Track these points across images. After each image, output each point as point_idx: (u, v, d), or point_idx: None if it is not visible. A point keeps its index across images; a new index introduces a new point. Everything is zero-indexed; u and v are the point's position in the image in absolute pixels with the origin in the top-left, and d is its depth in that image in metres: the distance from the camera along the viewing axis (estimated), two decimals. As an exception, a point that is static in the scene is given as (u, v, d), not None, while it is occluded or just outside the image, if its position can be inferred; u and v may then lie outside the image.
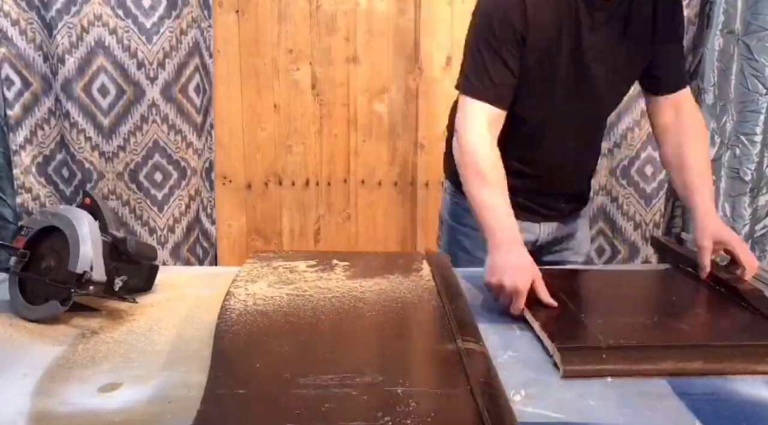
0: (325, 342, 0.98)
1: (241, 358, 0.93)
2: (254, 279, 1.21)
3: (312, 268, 1.29)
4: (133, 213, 2.12)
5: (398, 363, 0.92)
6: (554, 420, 0.80)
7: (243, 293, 1.14)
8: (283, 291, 1.16)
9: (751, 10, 2.04)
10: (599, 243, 2.27)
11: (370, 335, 1.02)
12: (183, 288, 1.24)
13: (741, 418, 0.81)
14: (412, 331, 1.06)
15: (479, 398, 0.79)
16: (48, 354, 0.96)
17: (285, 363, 0.91)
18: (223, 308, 1.07)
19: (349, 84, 2.25)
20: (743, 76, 2.09)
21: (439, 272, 1.23)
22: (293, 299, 1.12)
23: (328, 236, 2.33)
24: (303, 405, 0.78)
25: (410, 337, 1.04)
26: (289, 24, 2.21)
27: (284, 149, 2.29)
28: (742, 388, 0.88)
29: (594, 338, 0.96)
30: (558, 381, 0.90)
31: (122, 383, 0.87)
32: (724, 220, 2.17)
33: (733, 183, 2.16)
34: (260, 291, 1.16)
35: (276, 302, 1.10)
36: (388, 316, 1.06)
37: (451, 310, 1.06)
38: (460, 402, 0.79)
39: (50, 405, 0.82)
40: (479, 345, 0.94)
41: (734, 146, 2.14)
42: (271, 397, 0.81)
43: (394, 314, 1.07)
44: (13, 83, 1.99)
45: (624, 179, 2.21)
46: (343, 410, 0.77)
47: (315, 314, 1.06)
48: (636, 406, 0.83)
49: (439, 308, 1.08)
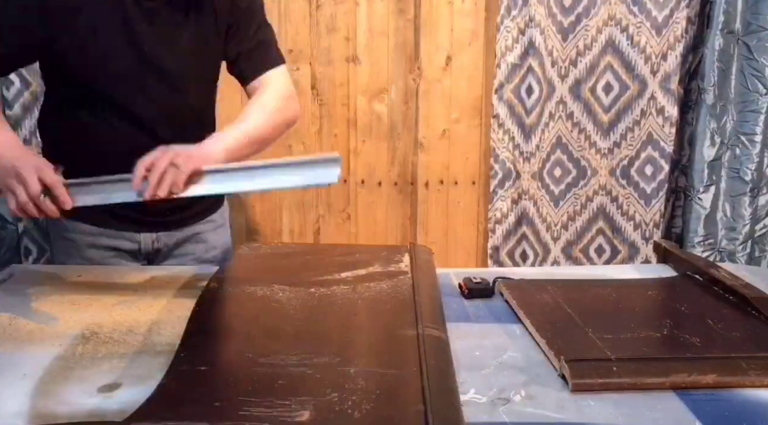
0: (292, 327, 1.02)
1: (208, 339, 0.98)
2: (238, 267, 1.25)
3: (296, 258, 1.32)
4: (132, 213, 2.12)
5: (357, 347, 0.97)
6: (554, 420, 0.80)
7: (224, 279, 1.18)
8: (262, 279, 1.19)
9: (751, 10, 2.04)
10: (599, 243, 2.27)
11: (337, 320, 1.05)
12: (183, 288, 1.24)
13: (741, 418, 0.81)
14: (379, 318, 1.08)
15: (426, 378, 0.82)
16: (48, 354, 0.95)
17: (249, 344, 0.96)
18: (202, 293, 1.11)
19: (349, 84, 2.25)
20: (743, 76, 2.09)
21: (417, 264, 1.24)
22: (270, 286, 1.15)
23: (327, 236, 2.33)
24: (258, 381, 0.83)
25: (375, 323, 1.07)
26: (289, 24, 2.21)
27: (284, 148, 2.28)
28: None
29: (602, 351, 0.95)
30: (558, 381, 0.90)
31: (122, 383, 0.87)
32: (724, 220, 2.17)
33: (733, 183, 2.15)
34: (241, 278, 1.20)
35: (252, 289, 1.14)
36: (359, 304, 1.10)
37: (420, 299, 1.08)
38: (407, 382, 0.83)
39: (50, 405, 0.82)
40: (439, 331, 0.96)
41: (734, 146, 2.14)
42: (229, 374, 0.87)
43: (365, 302, 1.10)
44: (12, 83, 1.99)
45: (624, 179, 2.21)
46: (294, 386, 0.82)
47: (288, 300, 1.10)
48: (636, 406, 0.83)
49: (409, 297, 1.11)
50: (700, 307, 1.17)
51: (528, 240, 2.23)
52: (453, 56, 2.20)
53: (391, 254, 1.34)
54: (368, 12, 2.18)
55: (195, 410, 0.77)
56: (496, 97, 2.14)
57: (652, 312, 1.21)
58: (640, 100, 2.15)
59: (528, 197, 2.19)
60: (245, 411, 0.76)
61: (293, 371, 0.86)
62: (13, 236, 2.07)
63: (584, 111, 2.17)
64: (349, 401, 0.78)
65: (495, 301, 1.19)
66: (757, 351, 0.97)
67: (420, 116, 2.25)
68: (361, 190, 2.30)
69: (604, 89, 2.15)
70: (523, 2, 2.06)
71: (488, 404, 0.84)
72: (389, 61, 2.23)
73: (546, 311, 1.11)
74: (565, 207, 2.24)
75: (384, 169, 2.29)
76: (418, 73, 2.23)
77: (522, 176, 2.18)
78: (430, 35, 2.20)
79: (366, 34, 2.20)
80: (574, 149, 2.20)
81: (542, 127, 2.16)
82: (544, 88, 2.12)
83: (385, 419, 0.76)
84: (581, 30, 2.11)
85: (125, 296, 1.20)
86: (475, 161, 2.28)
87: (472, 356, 0.97)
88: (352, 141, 2.28)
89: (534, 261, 2.25)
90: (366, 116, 2.25)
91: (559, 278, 1.31)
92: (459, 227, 2.31)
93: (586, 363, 0.91)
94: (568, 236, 2.26)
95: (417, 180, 2.30)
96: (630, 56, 2.12)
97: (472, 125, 2.25)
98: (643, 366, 0.91)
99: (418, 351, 0.90)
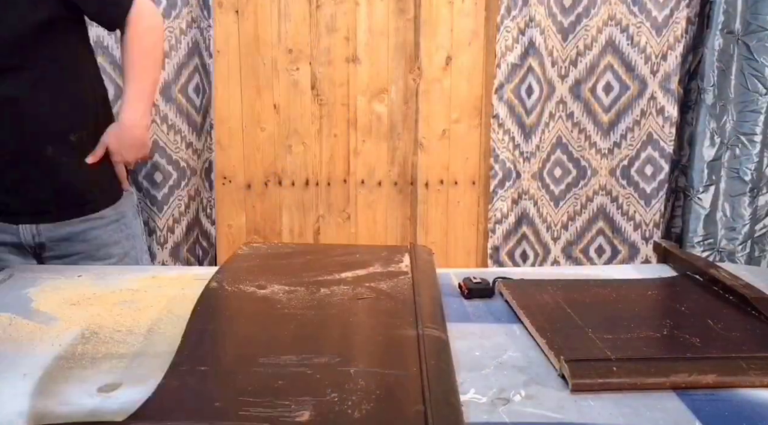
0: (292, 327, 1.02)
1: (208, 338, 0.98)
2: (239, 267, 1.25)
3: (296, 258, 1.32)
4: (132, 213, 2.12)
5: (357, 347, 0.97)
6: (554, 420, 0.80)
7: (224, 279, 1.18)
8: (262, 278, 1.19)
9: (751, 10, 2.05)
10: (599, 243, 2.27)
11: (338, 321, 1.05)
12: (183, 288, 1.24)
13: (741, 418, 0.81)
14: (379, 318, 1.08)
15: (426, 378, 0.82)
16: (48, 354, 0.95)
17: (250, 344, 0.96)
18: (203, 293, 1.11)
19: (349, 84, 2.25)
20: (743, 76, 2.09)
21: (417, 264, 1.24)
22: (271, 286, 1.15)
23: (327, 236, 2.33)
24: (257, 382, 0.83)
25: (375, 324, 1.07)
26: (288, 24, 2.21)
27: (284, 149, 2.29)
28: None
29: (602, 351, 0.95)
30: (558, 381, 0.90)
31: (122, 383, 0.87)
32: (723, 220, 2.17)
33: (733, 183, 2.16)
34: (241, 278, 1.19)
35: (253, 289, 1.14)
36: (359, 304, 1.10)
37: (420, 299, 1.08)
38: (407, 382, 0.83)
39: (50, 405, 0.82)
40: (439, 331, 0.95)
41: (734, 146, 2.14)
42: (229, 374, 0.86)
43: (365, 303, 1.10)
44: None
45: (624, 179, 2.21)
46: (294, 386, 0.82)
47: (288, 300, 1.10)
48: (636, 406, 0.83)
49: (409, 297, 1.10)
50: (700, 307, 1.17)
51: (528, 240, 2.23)
52: (453, 56, 2.20)
53: (391, 254, 1.34)
54: (368, 12, 2.18)
55: (195, 410, 0.77)
56: (496, 97, 2.14)
57: (652, 312, 1.21)
58: (640, 100, 2.15)
59: (528, 197, 2.19)
60: (245, 411, 0.76)
61: (293, 371, 0.85)
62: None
63: (584, 111, 2.17)
64: (349, 401, 0.78)
65: (495, 301, 1.19)
66: (757, 351, 0.97)
67: (420, 116, 2.25)
68: (361, 190, 2.30)
69: (604, 89, 2.15)
70: (523, 2, 2.06)
71: (488, 404, 0.84)
72: (389, 61, 2.23)
73: (546, 311, 1.11)
74: (565, 207, 2.24)
75: (384, 169, 2.29)
76: (418, 73, 2.23)
77: (522, 176, 2.18)
78: (430, 35, 2.20)
79: (366, 34, 2.20)
80: (574, 149, 2.20)
81: (542, 127, 2.16)
82: (544, 88, 2.12)
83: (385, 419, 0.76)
84: (581, 30, 2.11)
85: (125, 296, 1.20)
86: (475, 161, 2.28)
87: (472, 356, 0.97)
88: (352, 141, 2.28)
89: (534, 261, 2.25)
90: (366, 116, 2.25)
91: (559, 278, 1.31)
92: (459, 227, 2.31)
93: (586, 363, 0.91)
94: (568, 236, 2.26)
95: (417, 180, 2.30)
96: (630, 56, 2.12)
97: (472, 125, 2.25)
98: (643, 366, 0.91)
99: (418, 351, 0.90)
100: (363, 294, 1.13)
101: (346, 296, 1.12)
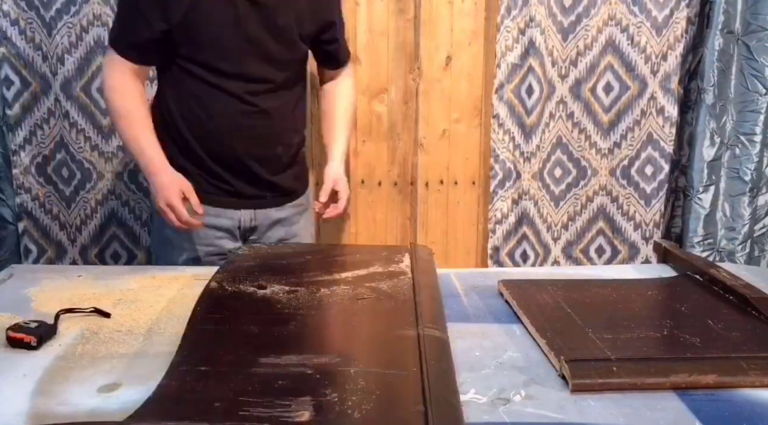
0: (293, 327, 1.02)
1: (209, 338, 0.98)
2: (239, 267, 1.25)
3: (296, 258, 1.32)
4: (132, 214, 2.12)
5: (357, 347, 0.97)
6: (554, 420, 0.81)
7: (224, 279, 1.18)
8: (262, 278, 1.19)
9: (751, 10, 2.04)
10: (599, 243, 2.27)
11: (338, 321, 1.06)
12: (183, 288, 1.24)
13: (741, 418, 0.81)
14: (380, 319, 1.08)
15: (426, 378, 0.82)
16: (48, 354, 0.96)
17: (250, 344, 0.96)
18: (203, 293, 1.11)
19: (349, 84, 2.24)
20: (743, 76, 2.09)
21: (417, 264, 1.24)
22: (271, 286, 1.16)
23: (328, 236, 2.33)
24: (257, 381, 0.83)
25: (376, 324, 1.07)
26: (288, 24, 2.20)
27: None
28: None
29: (602, 351, 0.95)
30: (558, 381, 0.90)
31: (122, 383, 0.87)
32: (723, 220, 2.17)
33: (733, 183, 2.15)
34: (241, 278, 1.20)
35: (253, 289, 1.15)
36: (360, 304, 1.10)
37: (420, 299, 1.08)
38: (408, 382, 0.83)
39: (50, 406, 0.82)
40: (439, 331, 0.96)
41: (734, 146, 2.14)
42: (229, 374, 0.86)
43: (366, 303, 1.10)
44: (12, 83, 1.99)
45: (624, 179, 2.21)
46: (294, 386, 0.82)
47: (289, 300, 1.10)
48: (636, 406, 0.83)
49: (410, 297, 1.10)
50: (700, 307, 1.17)
51: (528, 240, 2.23)
52: (453, 56, 2.20)
53: (392, 254, 1.34)
54: (368, 12, 2.18)
55: (195, 410, 0.77)
56: (496, 98, 2.14)
57: (652, 312, 1.21)
58: (640, 100, 2.15)
59: (528, 198, 2.19)
60: (245, 411, 0.76)
61: (294, 371, 0.85)
62: (13, 236, 2.07)
63: (584, 111, 2.17)
64: (349, 401, 0.78)
65: (495, 301, 1.19)
66: (757, 351, 0.97)
67: (420, 116, 2.25)
68: (361, 190, 2.30)
69: (604, 89, 2.15)
70: (523, 2, 2.06)
71: (488, 404, 0.84)
72: (389, 61, 2.22)
73: (546, 311, 1.11)
74: (566, 207, 2.24)
75: (384, 169, 2.29)
76: (418, 73, 2.23)
77: (522, 176, 2.18)
78: (430, 35, 2.20)
79: (366, 34, 2.20)
80: (575, 149, 2.20)
81: (542, 127, 2.16)
82: (544, 88, 2.12)
83: (385, 419, 0.76)
84: (581, 30, 2.11)
85: (125, 296, 1.20)
86: (475, 161, 2.28)
87: (472, 356, 0.97)
88: (352, 141, 2.28)
89: (534, 261, 2.25)
90: (366, 115, 2.25)
91: (559, 278, 1.31)
92: (459, 227, 2.31)
93: (586, 363, 0.91)
94: (568, 237, 2.26)
95: (417, 180, 2.30)
96: (630, 56, 2.12)
97: (472, 125, 2.25)
98: (643, 366, 0.91)
99: (418, 351, 0.90)
100: (363, 294, 1.13)
101: (347, 297, 1.12)
